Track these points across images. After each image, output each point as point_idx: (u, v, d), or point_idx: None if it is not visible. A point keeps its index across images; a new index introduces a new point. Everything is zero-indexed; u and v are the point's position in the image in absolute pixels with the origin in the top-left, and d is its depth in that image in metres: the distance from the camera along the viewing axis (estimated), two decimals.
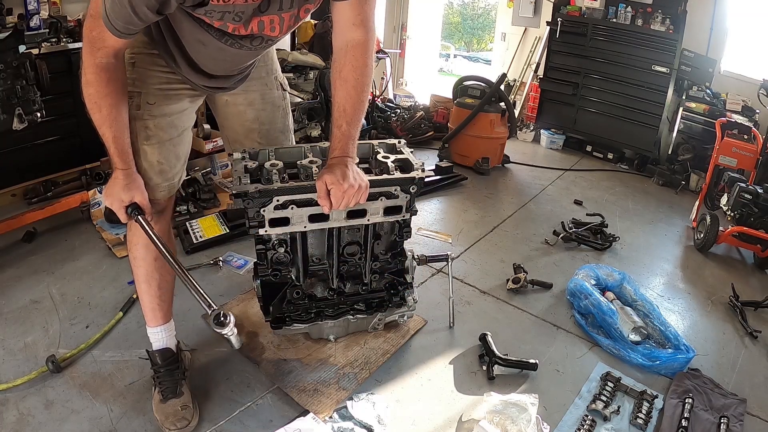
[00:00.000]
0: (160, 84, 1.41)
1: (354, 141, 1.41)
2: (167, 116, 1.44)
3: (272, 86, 1.67)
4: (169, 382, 1.56)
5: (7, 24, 2.57)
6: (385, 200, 1.62)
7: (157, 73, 1.40)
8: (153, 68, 1.39)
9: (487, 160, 3.95)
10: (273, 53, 1.70)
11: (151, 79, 1.39)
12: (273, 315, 1.78)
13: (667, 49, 4.16)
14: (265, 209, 1.51)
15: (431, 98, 5.24)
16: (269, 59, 1.67)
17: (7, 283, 2.16)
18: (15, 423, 1.50)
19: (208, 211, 2.86)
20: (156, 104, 1.41)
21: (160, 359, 1.58)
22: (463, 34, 18.79)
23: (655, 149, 4.42)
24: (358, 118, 1.39)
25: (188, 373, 1.67)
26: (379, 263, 1.85)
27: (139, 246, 1.51)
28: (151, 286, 1.55)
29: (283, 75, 1.78)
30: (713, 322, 2.36)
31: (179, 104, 1.47)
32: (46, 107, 2.54)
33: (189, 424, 1.50)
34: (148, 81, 1.39)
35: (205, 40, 1.26)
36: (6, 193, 2.76)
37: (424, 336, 2.04)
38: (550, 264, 2.72)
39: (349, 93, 1.36)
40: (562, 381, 1.88)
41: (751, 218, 2.87)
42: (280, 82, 1.71)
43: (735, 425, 1.71)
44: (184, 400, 1.55)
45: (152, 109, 1.40)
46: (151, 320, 1.60)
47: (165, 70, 1.41)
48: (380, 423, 1.59)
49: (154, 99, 1.40)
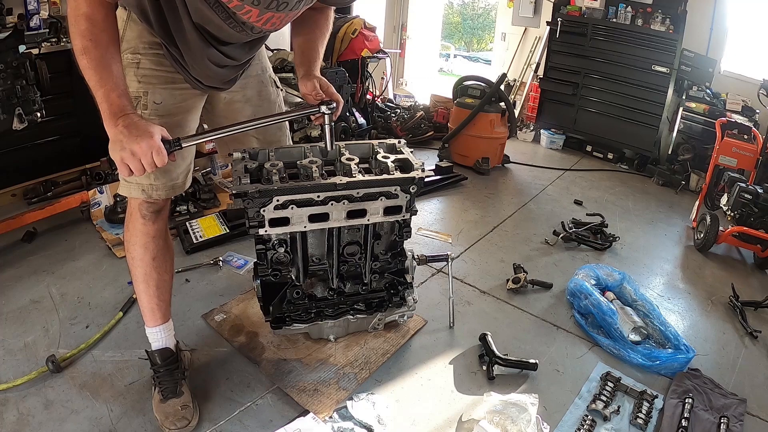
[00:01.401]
0: (165, 84, 1.42)
1: (319, 61, 1.60)
2: (174, 116, 1.45)
3: (267, 83, 1.69)
4: (169, 382, 1.56)
5: (7, 24, 2.57)
6: (385, 200, 1.62)
7: (162, 73, 1.41)
8: (158, 68, 1.40)
9: (487, 160, 3.95)
10: (263, 52, 1.73)
11: (156, 79, 1.40)
12: (273, 315, 1.78)
13: (667, 49, 4.16)
14: (265, 209, 1.51)
15: (431, 98, 5.24)
16: (262, 57, 1.69)
17: (7, 283, 2.16)
18: (15, 423, 1.50)
19: (208, 211, 2.86)
20: (163, 104, 1.42)
21: (160, 359, 1.58)
22: (463, 34, 18.80)
23: (655, 149, 4.42)
24: (322, 51, 1.62)
25: (188, 373, 1.67)
26: (379, 263, 1.85)
27: (137, 246, 1.50)
28: (149, 285, 1.54)
29: (284, 75, 1.79)
30: (713, 322, 2.36)
31: (185, 103, 1.48)
32: (46, 107, 2.54)
33: (189, 424, 1.50)
34: (154, 81, 1.40)
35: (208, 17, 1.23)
36: (6, 193, 2.76)
37: (424, 336, 2.04)
38: (550, 264, 2.72)
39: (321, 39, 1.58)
40: (562, 381, 1.88)
41: (751, 218, 2.87)
42: (273, 80, 1.74)
43: (735, 425, 1.71)
44: (184, 400, 1.55)
45: (159, 109, 1.41)
46: (149, 320, 1.60)
47: (170, 70, 1.41)
48: (380, 423, 1.59)
49: (161, 98, 1.41)
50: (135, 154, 1.14)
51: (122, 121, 1.14)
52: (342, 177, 1.58)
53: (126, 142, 1.14)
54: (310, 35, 1.58)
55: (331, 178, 1.56)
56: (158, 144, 1.16)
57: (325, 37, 1.63)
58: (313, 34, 1.58)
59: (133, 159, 1.15)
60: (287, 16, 1.25)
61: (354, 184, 1.57)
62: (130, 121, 1.15)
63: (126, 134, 1.14)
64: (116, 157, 1.16)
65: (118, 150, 1.15)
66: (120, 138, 1.14)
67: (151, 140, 1.15)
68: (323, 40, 1.62)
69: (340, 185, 1.54)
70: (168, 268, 1.57)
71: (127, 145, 1.14)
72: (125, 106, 1.16)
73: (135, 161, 1.15)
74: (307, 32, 1.58)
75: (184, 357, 1.71)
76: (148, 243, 1.50)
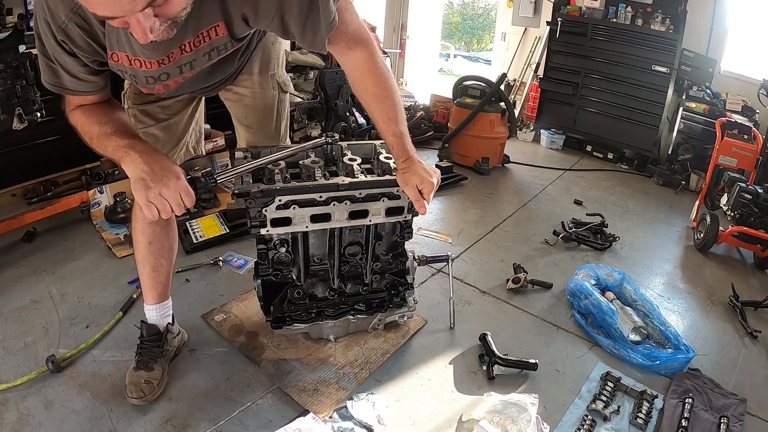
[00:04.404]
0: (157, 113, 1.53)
1: (408, 138, 1.45)
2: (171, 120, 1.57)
3: (266, 85, 1.65)
4: (146, 355, 1.64)
5: (7, 24, 2.56)
6: (387, 201, 1.62)
7: (152, 107, 1.52)
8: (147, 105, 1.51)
9: (487, 160, 3.95)
10: (278, 50, 1.67)
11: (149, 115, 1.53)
12: (273, 315, 1.78)
13: (667, 49, 4.16)
14: (267, 209, 1.51)
15: (431, 98, 5.24)
16: (267, 55, 1.62)
17: (7, 283, 2.16)
18: (15, 423, 1.50)
19: (208, 211, 2.86)
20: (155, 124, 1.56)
21: (146, 333, 1.66)
22: (463, 34, 18.81)
23: (655, 149, 4.42)
24: (401, 115, 1.44)
25: (169, 354, 1.72)
26: (380, 264, 1.85)
27: (137, 230, 1.57)
28: (146, 267, 1.61)
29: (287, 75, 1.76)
30: (713, 322, 2.36)
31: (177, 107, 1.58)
32: (46, 107, 2.54)
33: (144, 398, 1.55)
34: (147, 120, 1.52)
35: None
36: (6, 193, 2.75)
37: (424, 336, 2.04)
38: (550, 264, 2.72)
39: (384, 102, 1.40)
40: (562, 381, 1.88)
41: (751, 218, 2.87)
42: (278, 82, 1.69)
43: (735, 425, 1.71)
44: (150, 376, 1.60)
45: None
46: (146, 297, 1.67)
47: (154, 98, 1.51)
48: (380, 423, 1.59)
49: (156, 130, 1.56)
50: (163, 195, 1.09)
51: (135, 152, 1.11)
52: (344, 177, 1.58)
53: (151, 181, 1.08)
54: (367, 106, 1.42)
55: (333, 179, 1.57)
56: (185, 184, 1.13)
57: (390, 93, 1.38)
58: (367, 103, 1.41)
59: (161, 201, 1.10)
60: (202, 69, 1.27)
61: (356, 185, 1.57)
62: (144, 148, 1.14)
63: (149, 172, 1.09)
64: (141, 198, 1.09)
65: (143, 189, 1.08)
66: (143, 176, 1.09)
67: (179, 181, 1.11)
68: (392, 97, 1.38)
69: (343, 186, 1.55)
70: (165, 254, 1.61)
71: (153, 185, 1.08)
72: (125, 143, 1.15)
73: (163, 203, 1.10)
74: (364, 101, 1.42)
75: (174, 341, 1.75)
76: (145, 228, 1.56)
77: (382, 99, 1.39)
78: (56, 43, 1.07)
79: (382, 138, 1.49)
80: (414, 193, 1.46)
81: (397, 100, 1.41)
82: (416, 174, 1.44)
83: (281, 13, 1.09)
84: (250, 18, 1.12)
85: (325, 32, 1.15)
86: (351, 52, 1.33)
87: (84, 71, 1.14)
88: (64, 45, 1.07)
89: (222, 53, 1.23)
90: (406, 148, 1.45)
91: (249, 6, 1.09)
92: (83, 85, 1.17)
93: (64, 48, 1.08)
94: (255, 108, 1.67)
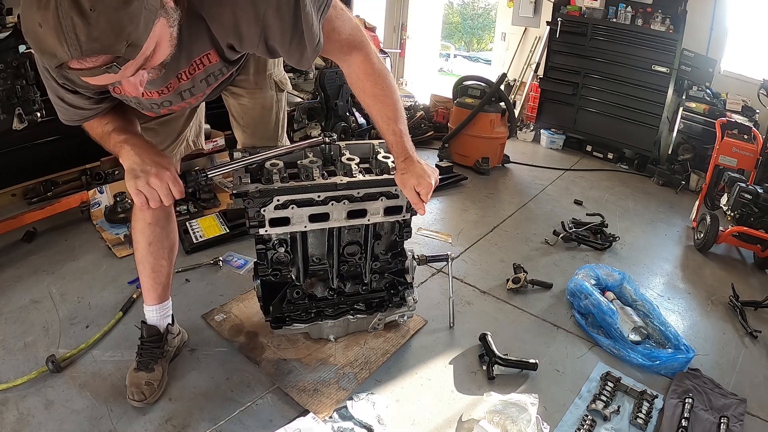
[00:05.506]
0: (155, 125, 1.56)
1: (407, 136, 1.45)
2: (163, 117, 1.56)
3: (263, 85, 1.65)
4: (147, 356, 1.64)
5: (7, 24, 2.56)
6: (385, 200, 1.62)
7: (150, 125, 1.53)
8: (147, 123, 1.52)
9: (487, 160, 3.95)
10: None
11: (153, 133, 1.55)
12: (273, 315, 1.78)
13: (667, 49, 4.16)
14: (265, 209, 1.51)
15: (431, 98, 5.24)
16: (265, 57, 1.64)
17: (7, 283, 2.16)
18: (15, 423, 1.50)
19: (208, 211, 2.86)
20: None
21: (146, 334, 1.66)
22: (463, 34, 18.82)
23: (655, 149, 4.42)
24: (401, 114, 1.44)
25: (169, 355, 1.72)
26: (379, 263, 1.85)
27: (137, 231, 1.57)
28: (145, 267, 1.61)
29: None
30: (713, 322, 2.36)
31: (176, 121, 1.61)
32: (46, 107, 2.53)
33: (145, 400, 1.55)
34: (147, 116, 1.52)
35: None
36: (6, 193, 2.75)
37: (424, 336, 2.04)
38: (550, 264, 2.72)
39: (383, 102, 1.40)
40: (562, 381, 1.88)
41: (751, 218, 2.87)
42: (275, 81, 1.68)
43: (735, 425, 1.71)
44: (151, 377, 1.60)
45: None
46: (146, 298, 1.67)
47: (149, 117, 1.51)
48: (380, 423, 1.59)
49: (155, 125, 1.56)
50: (151, 185, 1.15)
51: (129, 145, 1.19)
52: (342, 177, 1.58)
53: (140, 171, 1.15)
54: (366, 106, 1.42)
55: (331, 178, 1.57)
56: (174, 174, 1.19)
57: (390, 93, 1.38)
58: (366, 103, 1.41)
59: (150, 190, 1.16)
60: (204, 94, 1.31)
61: (354, 184, 1.57)
62: (137, 142, 1.21)
63: (139, 163, 1.16)
64: (131, 187, 1.16)
65: (132, 179, 1.15)
66: (133, 167, 1.16)
67: (167, 171, 1.17)
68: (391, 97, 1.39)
69: (341, 185, 1.55)
70: (165, 255, 1.61)
71: (142, 175, 1.14)
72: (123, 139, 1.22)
73: (152, 192, 1.16)
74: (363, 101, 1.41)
75: (174, 341, 1.75)
76: (144, 228, 1.56)
77: (381, 98, 1.39)
78: (58, 85, 1.14)
79: (382, 137, 1.48)
80: (412, 195, 1.46)
81: (396, 99, 1.41)
82: (414, 175, 1.44)
83: (265, 38, 1.11)
84: (236, 45, 1.15)
85: (311, 55, 1.17)
86: (347, 57, 1.33)
87: (90, 102, 1.20)
88: (66, 86, 1.14)
89: (219, 78, 1.28)
90: (406, 147, 1.45)
91: (233, 35, 1.11)
92: (94, 111, 1.24)
93: (66, 89, 1.15)
94: (253, 108, 1.67)
